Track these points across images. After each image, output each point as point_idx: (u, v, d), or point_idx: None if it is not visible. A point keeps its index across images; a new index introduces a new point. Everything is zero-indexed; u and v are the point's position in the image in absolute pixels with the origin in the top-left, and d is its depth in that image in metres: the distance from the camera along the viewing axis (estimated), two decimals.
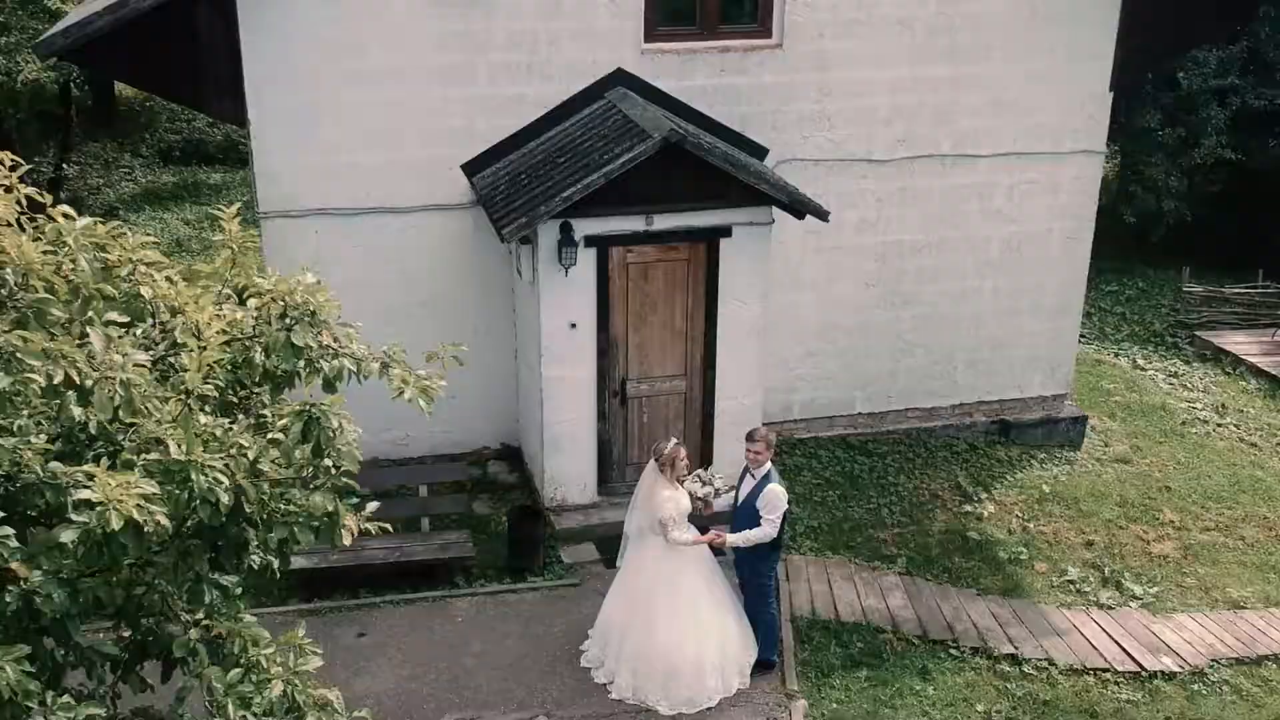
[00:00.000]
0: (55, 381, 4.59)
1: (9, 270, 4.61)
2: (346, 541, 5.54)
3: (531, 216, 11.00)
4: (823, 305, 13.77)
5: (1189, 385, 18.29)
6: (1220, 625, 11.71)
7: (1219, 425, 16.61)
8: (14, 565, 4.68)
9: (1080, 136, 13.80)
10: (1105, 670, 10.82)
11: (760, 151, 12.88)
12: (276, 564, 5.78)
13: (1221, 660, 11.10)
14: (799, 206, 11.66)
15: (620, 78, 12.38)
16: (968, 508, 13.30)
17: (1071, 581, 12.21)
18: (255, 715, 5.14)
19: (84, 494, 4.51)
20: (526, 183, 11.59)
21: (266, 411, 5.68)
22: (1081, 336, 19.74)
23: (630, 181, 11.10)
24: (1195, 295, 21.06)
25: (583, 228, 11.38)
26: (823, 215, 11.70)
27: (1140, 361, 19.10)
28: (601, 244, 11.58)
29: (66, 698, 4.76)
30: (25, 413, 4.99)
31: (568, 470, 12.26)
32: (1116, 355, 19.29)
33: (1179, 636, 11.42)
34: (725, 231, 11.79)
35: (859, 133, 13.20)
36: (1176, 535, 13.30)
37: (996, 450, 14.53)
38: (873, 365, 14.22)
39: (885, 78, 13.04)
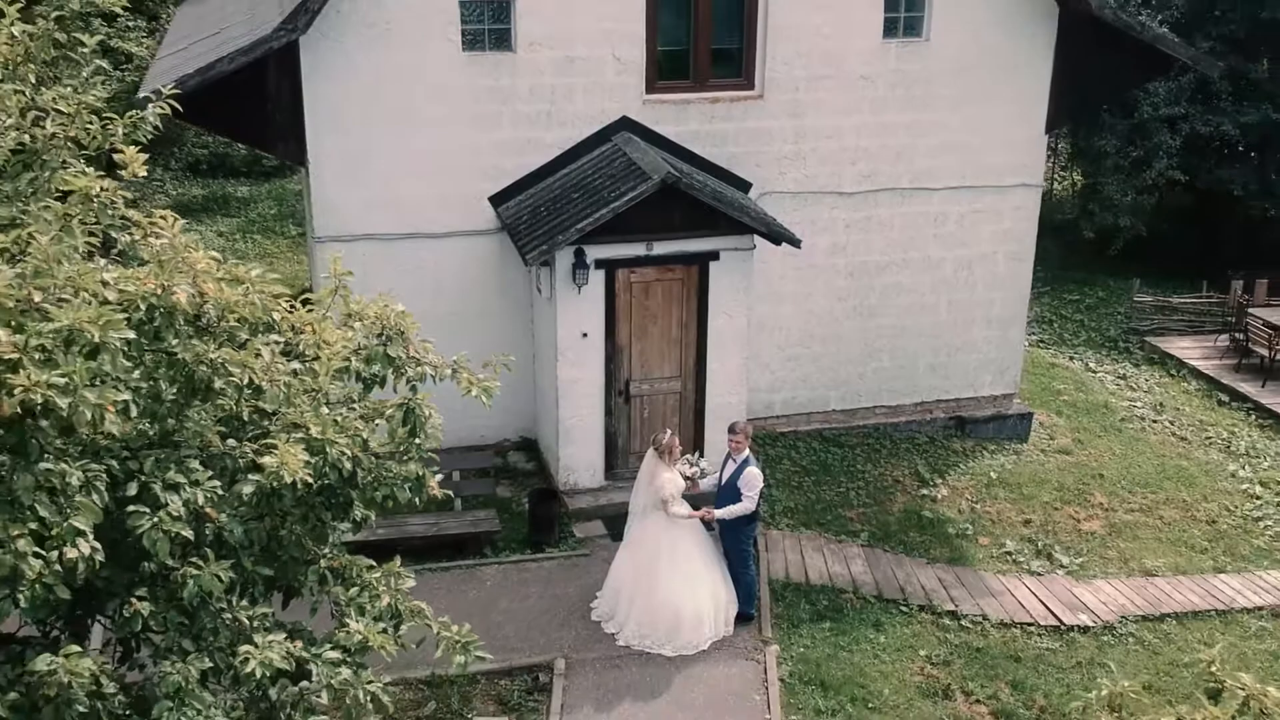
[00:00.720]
0: (244, 384, 6.68)
1: (210, 305, 6.69)
2: (435, 492, 7.58)
3: (551, 244, 13.12)
4: (800, 317, 15.88)
5: (1134, 386, 20.42)
6: (1132, 589, 13.85)
7: (1155, 421, 18.74)
8: (208, 510, 6.74)
9: (1020, 172, 15.95)
10: (1030, 624, 12.95)
11: (745, 185, 15.01)
12: (373, 516, 7.88)
13: (1129, 617, 13.22)
14: (775, 235, 13.79)
15: (625, 124, 14.50)
16: (924, 491, 15.42)
17: (1009, 553, 14.35)
18: (370, 620, 7.23)
19: (265, 460, 6.59)
20: (545, 215, 13.71)
21: (367, 404, 7.78)
22: (1041, 342, 22.05)
23: (633, 215, 13.20)
24: (1145, 304, 23.18)
25: (593, 253, 13.49)
26: (795, 243, 13.83)
27: (1092, 364, 21.23)
28: (609, 266, 13.70)
29: (244, 601, 6.86)
30: (208, 405, 7.08)
31: (579, 458, 14.37)
32: (1071, 359, 21.43)
33: (1095, 598, 13.55)
34: (714, 256, 13.91)
35: (829, 170, 15.33)
36: (1104, 515, 15.43)
37: (952, 442, 16.65)
38: (844, 368, 16.34)
39: (851, 123, 15.17)
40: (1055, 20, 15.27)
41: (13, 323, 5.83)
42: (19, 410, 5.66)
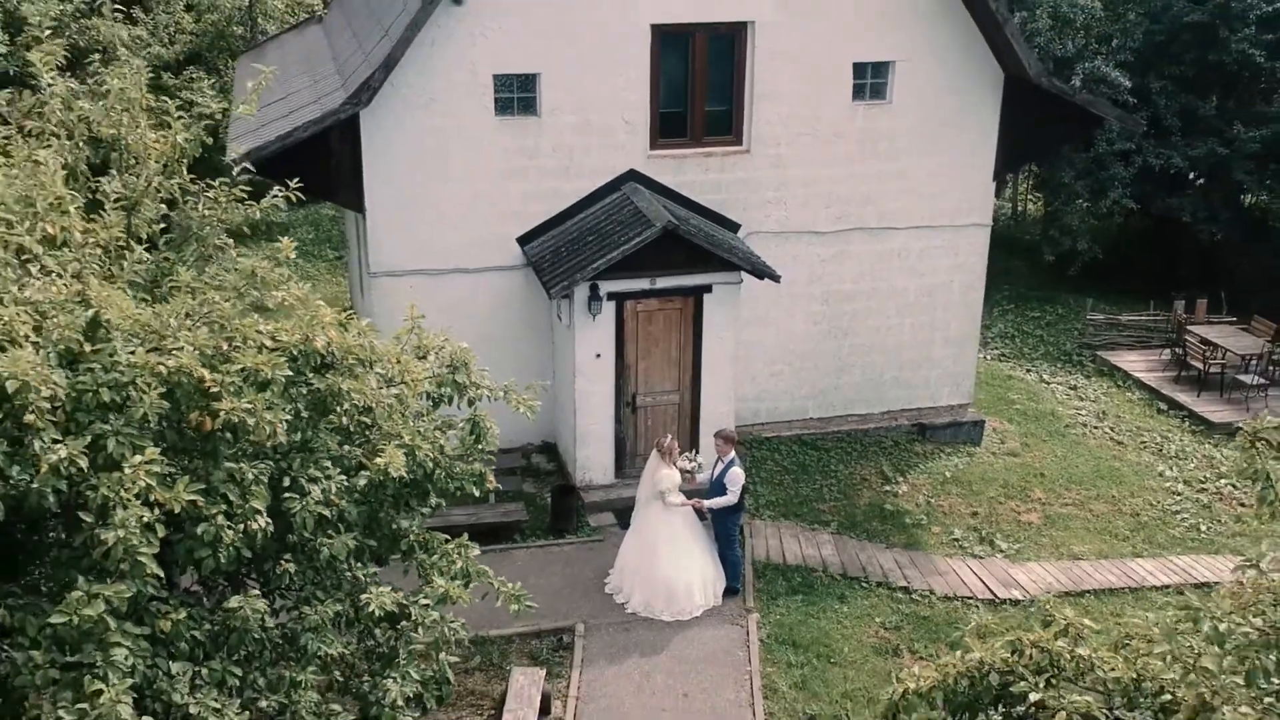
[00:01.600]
0: (359, 406, 9.23)
1: (335, 348, 9.23)
2: (490, 485, 10.13)
3: (571, 281, 15.70)
4: (782, 337, 18.45)
5: (1082, 396, 22.97)
6: (1060, 570, 16.40)
7: (1096, 427, 21.30)
8: (333, 498, 9.28)
9: (972, 213, 18.54)
10: (970, 598, 15.51)
11: (734, 226, 17.58)
12: (444, 503, 10.43)
13: (1054, 592, 15.76)
14: (759, 271, 16.37)
15: (633, 175, 17.08)
16: (887, 488, 17.98)
17: (956, 540, 16.91)
18: (448, 579, 9.77)
19: (377, 460, 9.12)
20: (566, 255, 16.29)
21: (437, 417, 10.33)
22: (1002, 356, 24.63)
23: (640, 255, 15.76)
24: (1097, 322, 25.75)
25: (606, 287, 16.06)
26: (775, 278, 16.41)
27: (1046, 376, 23.79)
28: (619, 298, 16.28)
29: (359, 564, 9.42)
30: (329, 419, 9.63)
31: (593, 459, 16.95)
32: (1028, 371, 23.99)
33: (1027, 577, 16.11)
34: (708, 289, 16.48)
35: (807, 212, 17.91)
36: (1041, 509, 17.99)
37: (914, 446, 19.21)
38: (820, 381, 18.91)
39: (826, 173, 17.75)
40: (1001, 86, 17.85)
41: (210, 365, 8.39)
42: (215, 426, 8.24)
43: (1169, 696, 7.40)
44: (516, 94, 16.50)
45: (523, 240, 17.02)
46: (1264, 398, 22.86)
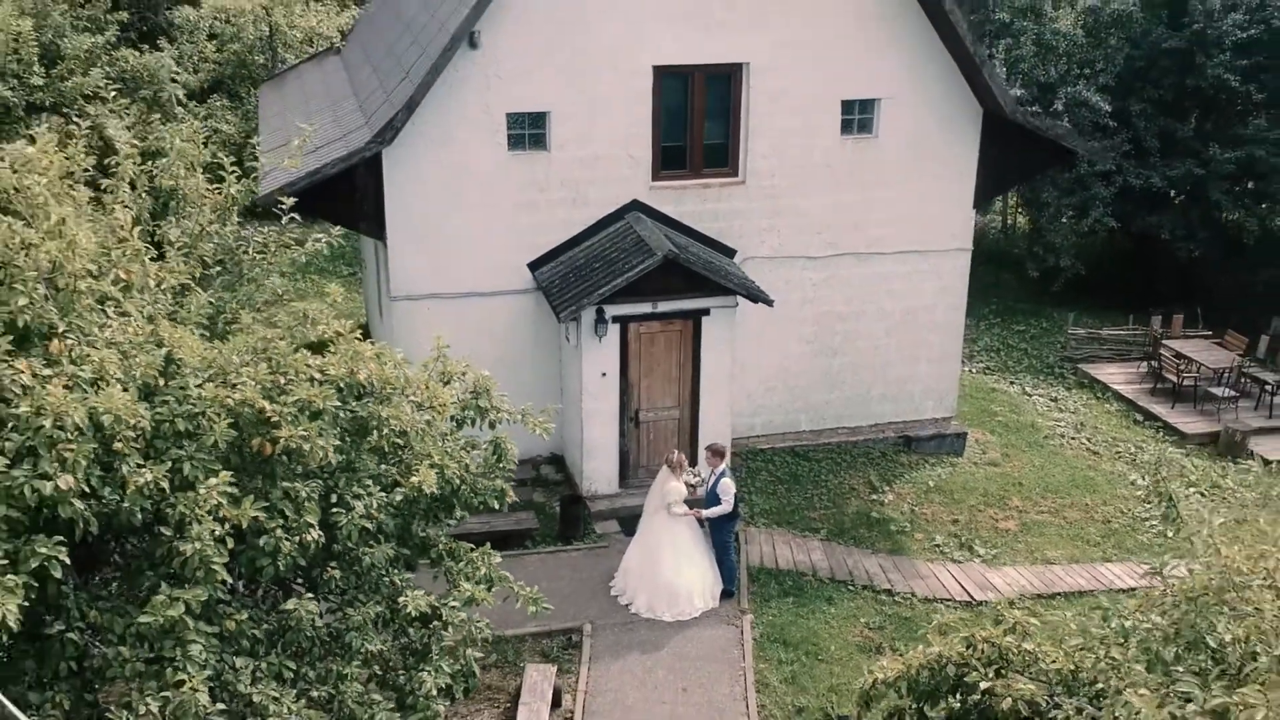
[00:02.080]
0: (395, 430, 10.43)
1: (374, 379, 10.43)
2: (510, 500, 11.34)
3: (578, 305, 16.91)
4: (776, 356, 19.65)
5: (1063, 407, 24.20)
6: (1033, 574, 17.62)
7: (1073, 438, 22.52)
8: (374, 512, 10.48)
9: (954, 239, 19.76)
10: (948, 599, 16.72)
11: (730, 252, 18.80)
12: (468, 516, 11.64)
13: (1027, 595, 16.96)
14: (753, 296, 17.58)
15: (636, 205, 18.29)
16: (874, 497, 19.20)
17: (938, 545, 18.13)
18: (473, 584, 10.98)
19: (413, 479, 10.33)
20: (574, 280, 17.50)
21: (460, 437, 11.54)
22: (987, 369, 25.86)
23: (642, 281, 16.96)
24: (1079, 336, 26.97)
25: (611, 310, 17.26)
26: (768, 302, 17.62)
27: (1028, 389, 25.03)
28: (623, 321, 17.48)
29: (396, 570, 10.63)
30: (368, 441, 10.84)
31: (599, 471, 18.15)
32: (1011, 383, 25.22)
33: (1002, 580, 17.33)
34: (705, 312, 17.68)
35: (799, 239, 19.12)
36: (1019, 516, 19.21)
37: (900, 457, 20.42)
38: (812, 397, 20.12)
39: (816, 203, 18.96)
40: (980, 120, 19.07)
41: (269, 397, 9.59)
42: (274, 451, 9.45)
43: (1100, 685, 8.63)
44: (528, 131, 17.72)
45: (533, 265, 18.21)
46: (1234, 409, 24.08)
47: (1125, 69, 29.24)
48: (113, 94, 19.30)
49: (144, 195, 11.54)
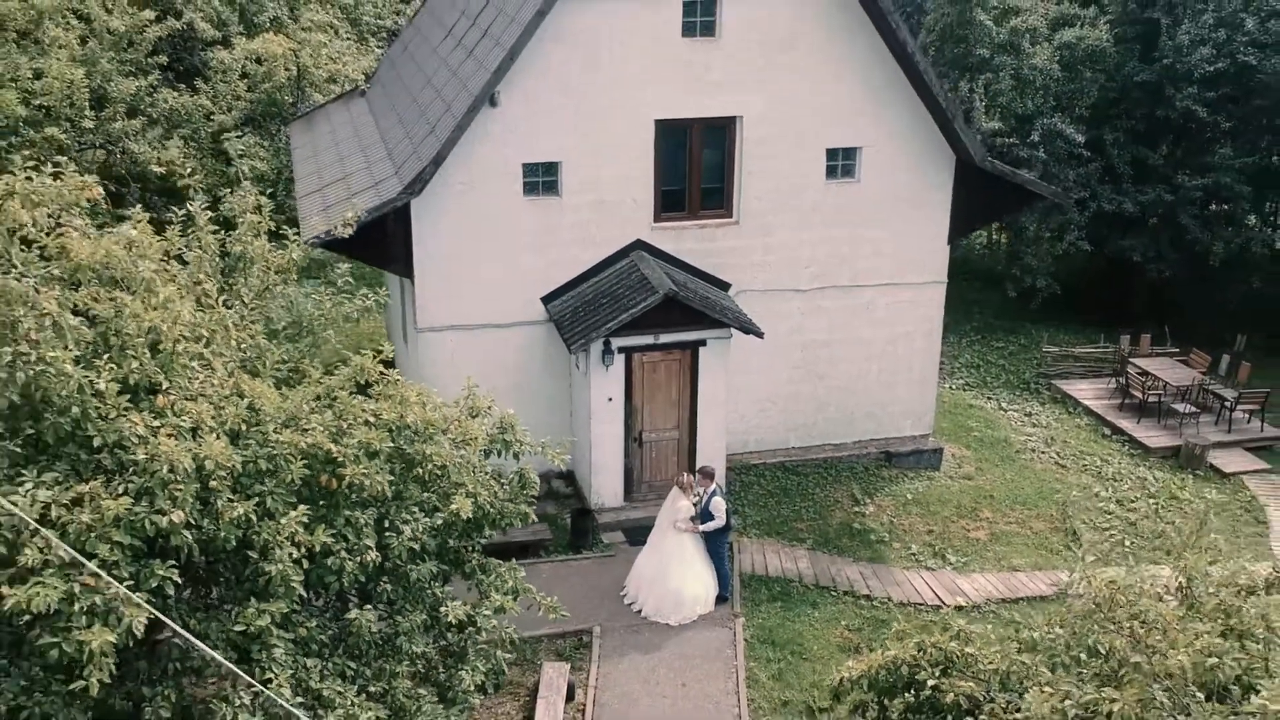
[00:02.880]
0: (438, 464, 12.25)
1: (420, 421, 12.24)
2: (533, 521, 13.16)
3: (587, 338, 18.74)
4: (767, 380, 21.48)
5: (1036, 422, 26.03)
6: (1000, 580, 19.46)
7: (1044, 452, 24.36)
8: (419, 535, 12.29)
9: (930, 272, 21.60)
10: (922, 604, 18.57)
11: (725, 285, 20.64)
12: (496, 535, 13.47)
13: (993, 599, 18.82)
14: (745, 328, 19.42)
15: (639, 244, 20.12)
16: (857, 509, 21.04)
17: (914, 554, 19.97)
18: (503, 594, 12.80)
19: (452, 505, 12.14)
20: (583, 314, 19.33)
21: (487, 466, 13.35)
22: (966, 385, 27.69)
23: (645, 316, 18.78)
24: (1053, 353, 28.81)
25: (617, 342, 19.08)
26: (759, 334, 19.46)
27: (1004, 404, 26.87)
28: (628, 351, 19.31)
29: (437, 584, 12.45)
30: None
31: (606, 486, 20.00)
32: (988, 400, 27.06)
33: (971, 586, 19.18)
34: (702, 343, 19.52)
35: (788, 273, 20.96)
36: (989, 526, 21.05)
37: (881, 472, 22.26)
38: (800, 416, 21.97)
39: (804, 240, 20.80)
40: (953, 166, 20.90)
41: (334, 439, 11.41)
42: (337, 486, 11.28)
43: (1029, 683, 10.47)
44: (541, 179, 19.54)
45: (546, 299, 20.04)
46: (1195, 424, 25.92)
47: (1100, 100, 31.07)
48: (156, 134, 21.13)
49: (216, 258, 13.31)
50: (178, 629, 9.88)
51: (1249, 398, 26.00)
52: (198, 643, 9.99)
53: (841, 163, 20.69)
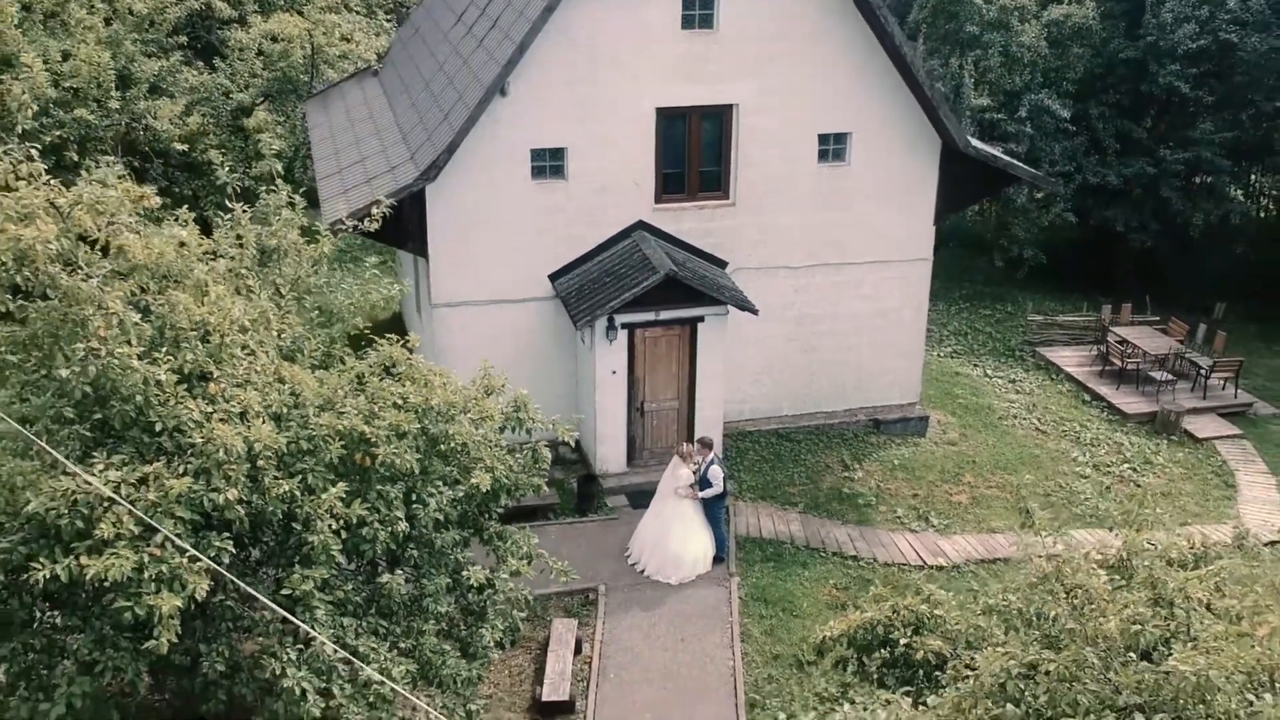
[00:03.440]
0: (459, 442, 13.48)
1: (443, 403, 13.44)
2: (544, 488, 14.41)
3: (592, 315, 19.93)
4: (763, 352, 22.69)
5: (1020, 389, 27.26)
6: (979, 542, 20.77)
7: (1025, 418, 25.62)
8: (443, 506, 13.54)
9: (917, 250, 22.76)
10: (905, 564, 19.86)
11: (723, 263, 21.80)
12: (508, 502, 14.72)
13: (972, 560, 20.13)
14: (741, 305, 20.61)
15: (641, 225, 21.26)
16: (846, 474, 22.32)
17: (899, 517, 21.27)
18: (518, 559, 14.08)
19: (473, 479, 13.38)
20: (588, 292, 20.50)
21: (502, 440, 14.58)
22: (954, 353, 28.90)
23: (647, 295, 19.94)
24: (1037, 321, 30.01)
25: (620, 319, 20.27)
26: (753, 311, 20.65)
27: (989, 371, 28.09)
28: (631, 327, 20.50)
29: (459, 550, 13.73)
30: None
31: (610, 454, 21.26)
32: (974, 367, 28.28)
33: (951, 547, 20.48)
34: (701, 319, 20.71)
35: (782, 252, 22.12)
36: (970, 491, 22.34)
37: (870, 438, 23.52)
38: (793, 386, 23.20)
39: (797, 221, 21.94)
40: (939, 150, 22.00)
41: (366, 421, 12.63)
42: (370, 463, 12.51)
43: (985, 643, 11.76)
44: (549, 163, 20.65)
45: (553, 276, 21.21)
46: (1172, 391, 27.16)
47: (1086, 75, 32.08)
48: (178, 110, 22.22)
49: (253, 252, 14.47)
50: (257, 593, 11.13)
51: (1223, 366, 27.20)
52: (272, 604, 11.22)
53: (833, 147, 21.78)
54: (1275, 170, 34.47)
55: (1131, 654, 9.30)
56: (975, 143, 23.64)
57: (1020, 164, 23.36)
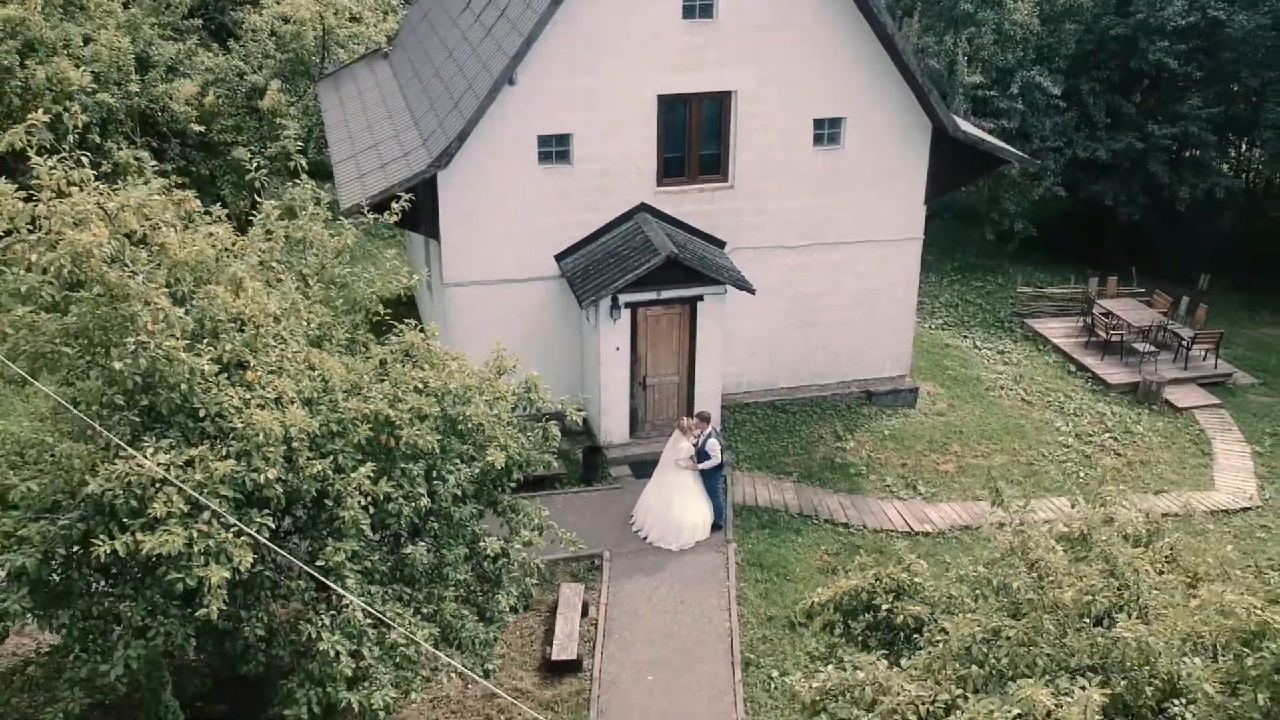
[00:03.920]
0: (475, 422, 14.52)
1: (459, 386, 14.48)
2: (554, 464, 15.47)
3: (597, 295, 20.93)
4: (760, 327, 23.71)
5: (1008, 360, 28.28)
6: (963, 509, 21.86)
7: (1011, 389, 26.66)
8: (461, 482, 14.59)
9: (908, 230, 23.73)
10: (893, 530, 20.99)
11: (721, 243, 22.78)
12: (520, 477, 15.78)
13: (957, 526, 21.24)
14: (738, 284, 21.60)
15: (643, 207, 22.22)
16: (838, 444, 23.40)
17: (888, 486, 22.36)
18: (530, 530, 15.15)
19: (488, 456, 14.43)
20: (593, 272, 21.49)
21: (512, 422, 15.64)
22: (945, 324, 29.92)
23: (649, 276, 20.94)
24: (1025, 294, 30.99)
25: (624, 298, 21.26)
26: (750, 290, 21.64)
27: (979, 343, 29.10)
28: (634, 306, 21.51)
29: (476, 523, 14.81)
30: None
31: (614, 426, 22.33)
32: (964, 338, 29.29)
33: (937, 514, 21.58)
34: (700, 298, 21.70)
35: (779, 232, 23.08)
36: (956, 460, 23.41)
37: (862, 410, 24.59)
38: (790, 360, 24.24)
39: (793, 203, 22.89)
40: (929, 134, 22.92)
41: (390, 405, 13.67)
42: (394, 444, 13.56)
43: (956, 610, 12.82)
44: (555, 149, 21.58)
45: (559, 257, 22.20)
46: (1154, 362, 28.17)
47: (1077, 52, 32.90)
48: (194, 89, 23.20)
49: (282, 244, 15.44)
50: (299, 564, 12.21)
51: (1204, 338, 28.21)
52: (314, 574, 12.31)
53: (827, 131, 22.70)
54: (1261, 144, 35.30)
55: (1086, 621, 10.38)
56: (965, 125, 24.56)
57: (1007, 146, 24.29)
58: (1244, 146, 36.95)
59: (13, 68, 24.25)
